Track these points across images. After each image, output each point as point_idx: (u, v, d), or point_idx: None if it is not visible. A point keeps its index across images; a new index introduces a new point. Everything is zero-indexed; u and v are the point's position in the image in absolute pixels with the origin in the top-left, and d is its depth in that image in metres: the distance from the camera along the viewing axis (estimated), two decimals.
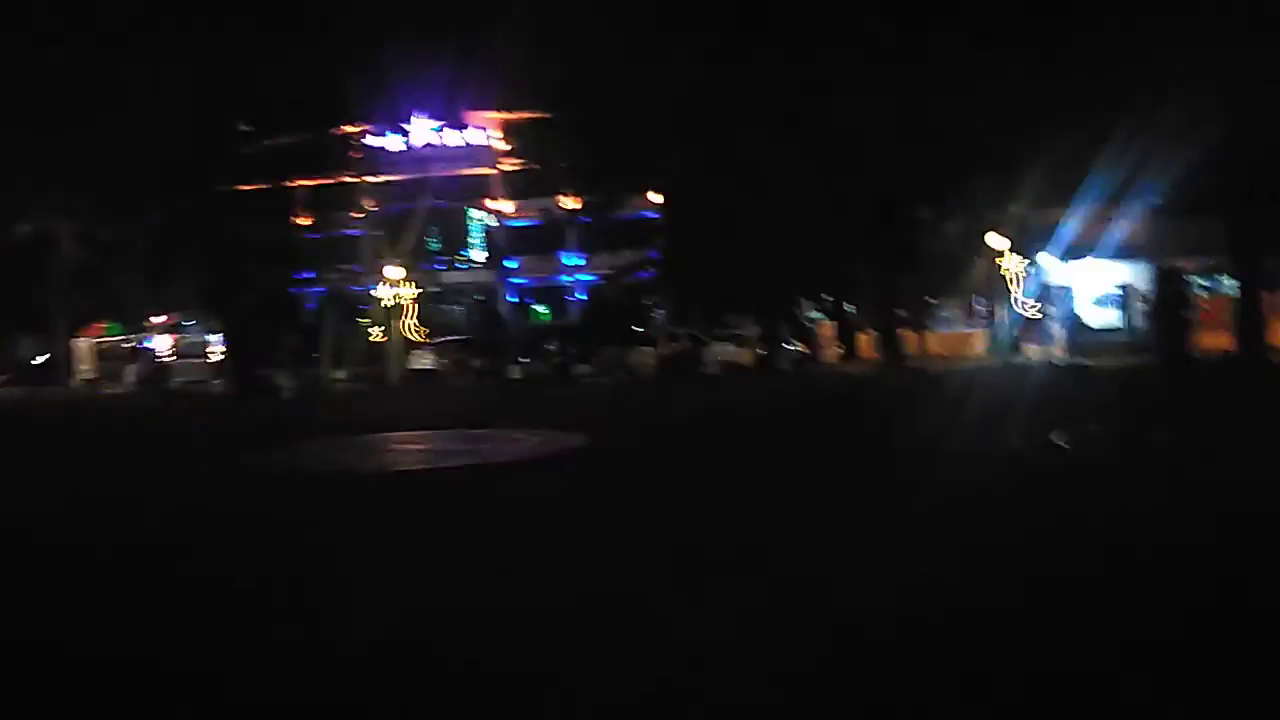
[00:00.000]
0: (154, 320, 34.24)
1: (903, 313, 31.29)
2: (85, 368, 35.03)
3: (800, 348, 32.66)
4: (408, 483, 9.86)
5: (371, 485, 9.77)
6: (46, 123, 27.15)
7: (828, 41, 21.04)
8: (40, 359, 36.06)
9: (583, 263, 57.59)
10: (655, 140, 26.21)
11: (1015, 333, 32.63)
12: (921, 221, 23.41)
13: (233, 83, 27.49)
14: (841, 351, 35.95)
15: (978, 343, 38.21)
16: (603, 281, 50.62)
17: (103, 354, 35.10)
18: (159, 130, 26.13)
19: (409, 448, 12.73)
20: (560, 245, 58.88)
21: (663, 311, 42.83)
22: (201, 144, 27.56)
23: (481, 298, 55.68)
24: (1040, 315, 29.33)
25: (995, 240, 25.78)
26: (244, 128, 26.44)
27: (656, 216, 40.44)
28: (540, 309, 58.99)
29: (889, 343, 24.96)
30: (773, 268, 26.81)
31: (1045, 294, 32.34)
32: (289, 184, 34.09)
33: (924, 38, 19.77)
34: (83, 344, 35.32)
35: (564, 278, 60.06)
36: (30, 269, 34.33)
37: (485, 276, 58.86)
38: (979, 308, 40.91)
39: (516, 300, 58.56)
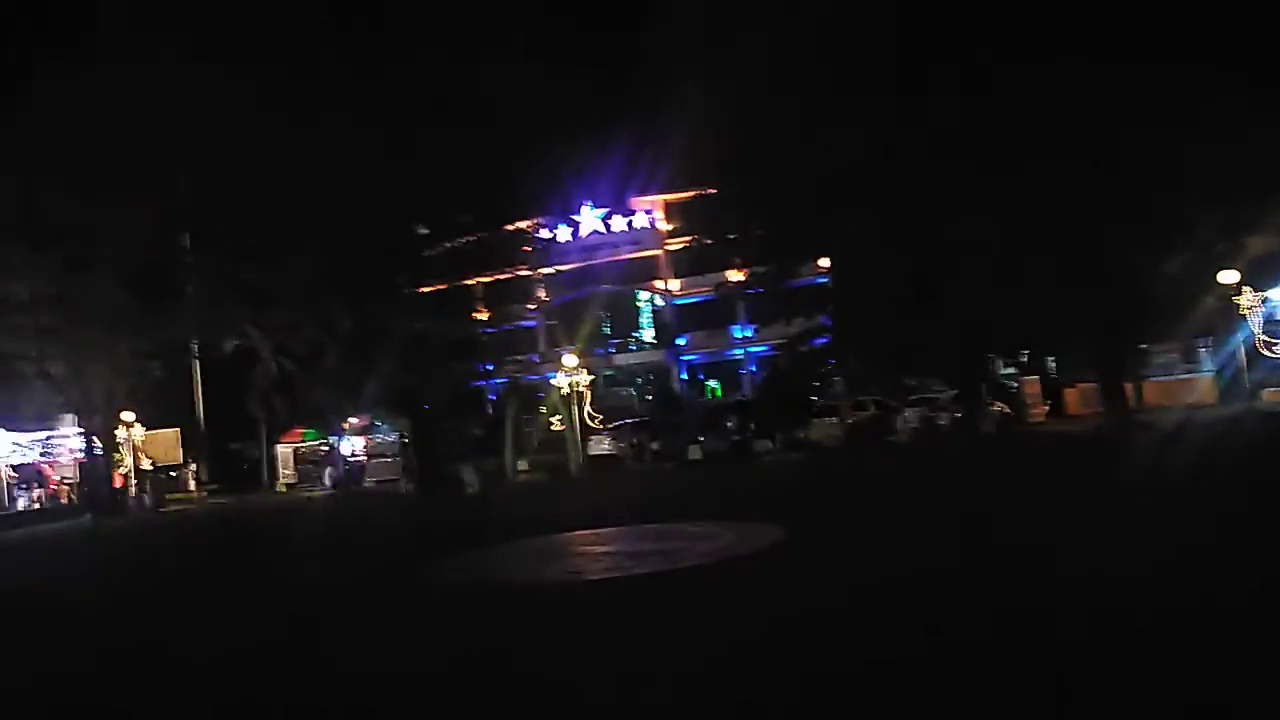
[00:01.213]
0: (348, 424, 35.45)
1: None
2: (286, 472, 36.68)
3: (1002, 408, 30.16)
4: (597, 594, 8.96)
5: (558, 600, 8.92)
6: (241, 245, 28.98)
7: (1014, 68, 19.54)
8: (244, 464, 38.03)
9: (753, 334, 56.71)
10: (828, 203, 25.05)
11: (1248, 375, 29.14)
12: (1139, 261, 21.10)
13: (406, 187, 28.55)
14: (1047, 409, 33.11)
15: (1202, 389, 34.51)
16: (776, 352, 49.42)
17: (300, 459, 36.66)
18: (343, 242, 27.25)
19: (595, 549, 11.87)
20: (730, 319, 58.31)
21: (839, 379, 41.15)
22: (385, 251, 28.61)
23: (653, 378, 55.38)
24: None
25: (1230, 276, 23.02)
26: (422, 231, 27.17)
27: (827, 281, 39.02)
28: (713, 385, 58.22)
29: (1113, 396, 22.39)
30: (965, 322, 24.83)
31: (1275, 330, 28.83)
32: (465, 282, 34.95)
33: (1130, 56, 17.98)
34: (283, 450, 37.06)
35: (736, 351, 59.23)
36: (236, 382, 36.51)
37: (657, 356, 58.75)
38: (1201, 351, 37.14)
39: (688, 378, 58.08)
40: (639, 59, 33.03)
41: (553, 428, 32.69)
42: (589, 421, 32.56)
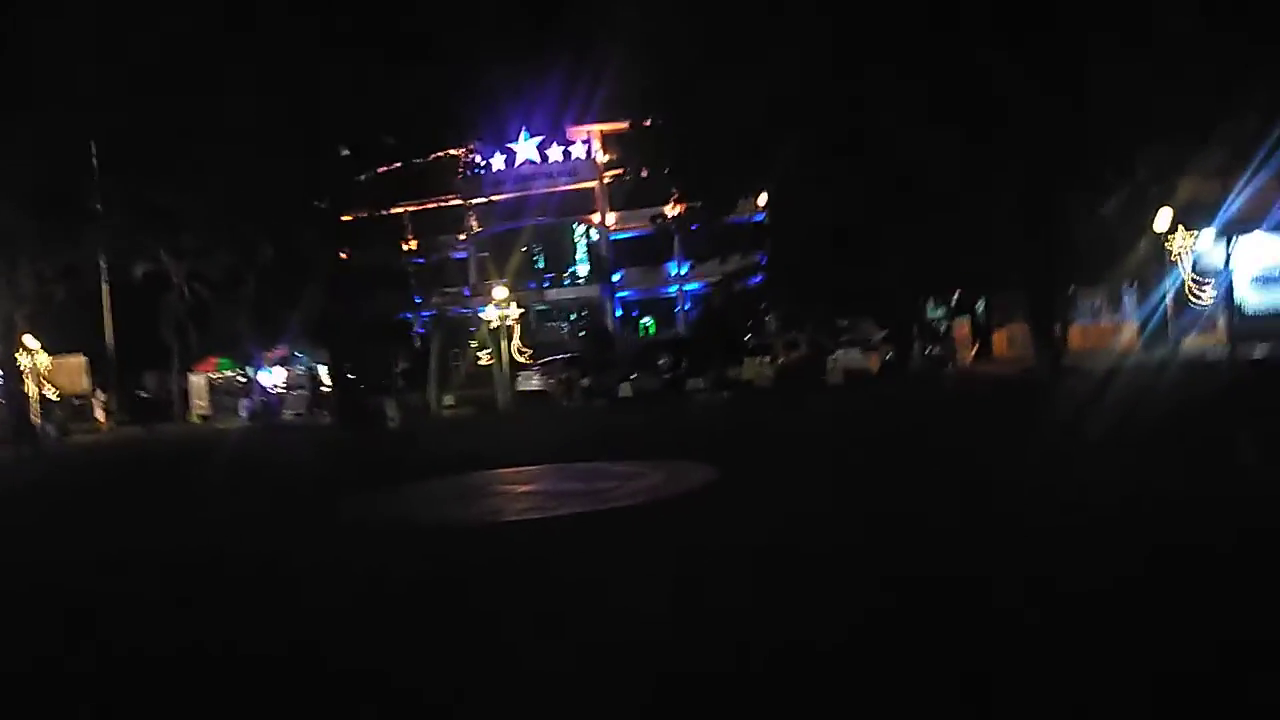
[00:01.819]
0: (266, 354, 34.14)
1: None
2: (200, 403, 35.24)
3: (932, 349, 30.22)
4: (515, 535, 8.40)
5: (473, 541, 8.32)
6: (154, 165, 27.21)
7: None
8: (143, 394, 36.39)
9: (688, 272, 56.14)
10: (766, 134, 24.32)
11: (1174, 322, 29.53)
12: (1075, 201, 20.90)
13: (335, 111, 27.01)
14: (975, 351, 33.32)
15: (1126, 335, 35.02)
16: (710, 290, 49.01)
17: (215, 389, 35.23)
18: (264, 164, 25.73)
19: (518, 489, 11.29)
20: (666, 256, 57.58)
21: (771, 318, 40.87)
22: (307, 175, 27.15)
23: (585, 314, 54.67)
24: (1210, 301, 26.27)
25: (1164, 219, 22.94)
26: (345, 152, 25.74)
27: (764, 219, 38.49)
28: (647, 322, 57.68)
29: (1043, 340, 22.33)
30: (899, 262, 24.54)
31: (1203, 276, 29.19)
32: (394, 210, 33.51)
33: None
34: (197, 380, 35.56)
35: (671, 289, 58.66)
36: (146, 309, 34.81)
37: (591, 292, 57.92)
38: (1126, 296, 37.62)
39: (622, 314, 57.42)
40: None
41: (481, 362, 31.93)
42: (518, 357, 31.86)
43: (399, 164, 30.29)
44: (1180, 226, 23.68)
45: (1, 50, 24.23)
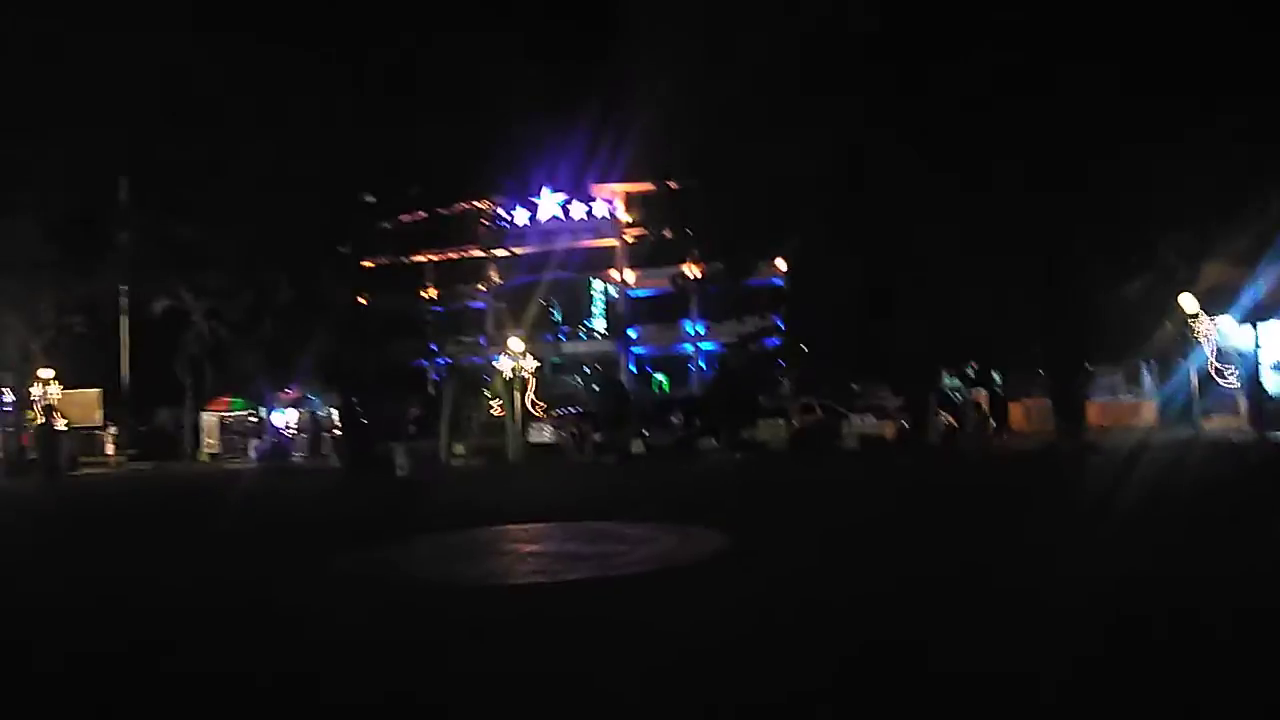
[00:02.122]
0: (279, 395, 34.06)
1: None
2: (210, 441, 35.12)
3: (948, 419, 29.83)
4: (516, 601, 8.12)
5: (470, 604, 8.05)
6: (181, 201, 27.45)
7: (988, 79, 18.98)
8: (143, 429, 36.19)
9: (705, 331, 56.08)
10: (792, 203, 24.36)
11: (1195, 402, 29.13)
12: (1102, 279, 20.78)
13: (362, 157, 27.22)
14: (993, 424, 32.87)
15: (1145, 413, 34.57)
16: (726, 350, 48.85)
17: (227, 428, 35.12)
18: (290, 207, 25.90)
19: (525, 548, 11.01)
20: (683, 314, 57.57)
21: (786, 381, 40.58)
22: (332, 219, 27.28)
23: (600, 368, 54.49)
24: (1233, 383, 25.95)
25: (1189, 302, 22.78)
26: (369, 199, 25.87)
27: (782, 282, 38.44)
28: (661, 379, 57.50)
29: (1069, 414, 21.98)
30: (920, 330, 24.35)
31: (1225, 359, 28.89)
32: (414, 258, 33.59)
33: (1106, 77, 17.52)
34: (209, 418, 35.48)
35: (686, 346, 58.57)
36: (164, 345, 34.87)
37: (607, 346, 57.91)
38: (1145, 374, 37.23)
39: (636, 370, 57.27)
40: (613, 40, 32.17)
41: (494, 413, 31.71)
42: (532, 409, 31.65)
43: (424, 213, 30.42)
44: (1203, 310, 23.51)
45: (38, 72, 24.55)
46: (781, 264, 37.79)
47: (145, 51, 23.96)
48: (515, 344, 30.35)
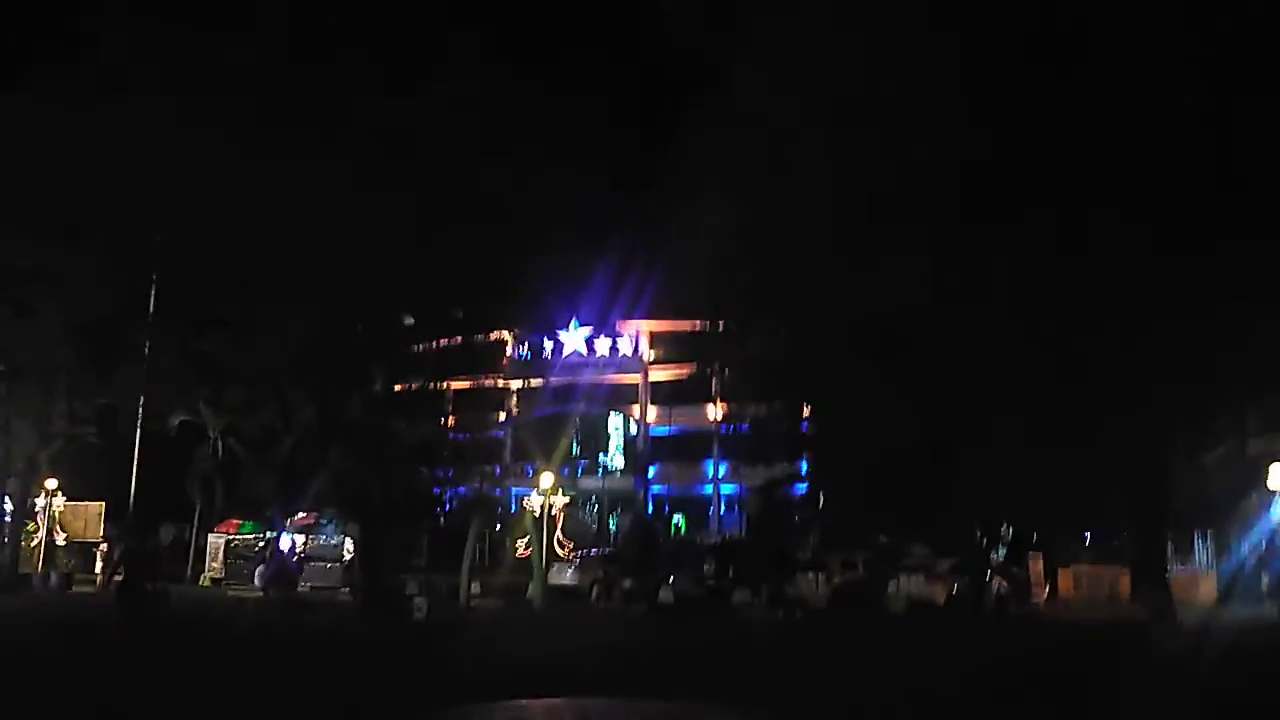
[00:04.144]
0: (291, 520, 32.40)
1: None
2: (214, 565, 33.19)
3: (1000, 585, 27.89)
4: None
5: None
6: (207, 313, 26.66)
7: (1055, 237, 18.11)
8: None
9: (726, 474, 54.51)
10: (843, 349, 23.32)
11: (1265, 580, 27.24)
12: (1182, 444, 19.50)
13: (390, 285, 26.44)
14: (1047, 591, 30.90)
15: (1202, 588, 32.52)
16: (748, 494, 47.14)
17: (233, 552, 33.24)
18: (319, 322, 24.99)
19: None
20: (704, 455, 56.11)
21: (815, 532, 38.71)
22: (364, 340, 26.31)
23: (624, 509, 52.68)
24: None
25: (1277, 475, 21.31)
26: (409, 320, 24.91)
27: (805, 427, 36.85)
28: (678, 520, 55.57)
29: (1153, 585, 20.16)
30: (982, 489, 22.86)
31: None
32: (438, 385, 32.41)
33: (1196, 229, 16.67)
34: (215, 540, 33.68)
35: (706, 489, 56.84)
36: (176, 460, 33.55)
37: (625, 484, 56.25)
38: (1199, 546, 35.34)
39: (654, 510, 55.40)
40: (652, 182, 31.94)
41: (519, 553, 29.91)
42: (558, 549, 29.87)
43: (458, 338, 29.44)
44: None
45: (69, 171, 24.04)
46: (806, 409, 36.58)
47: (186, 153, 23.50)
48: (546, 479, 28.77)
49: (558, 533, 29.76)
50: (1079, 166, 17.35)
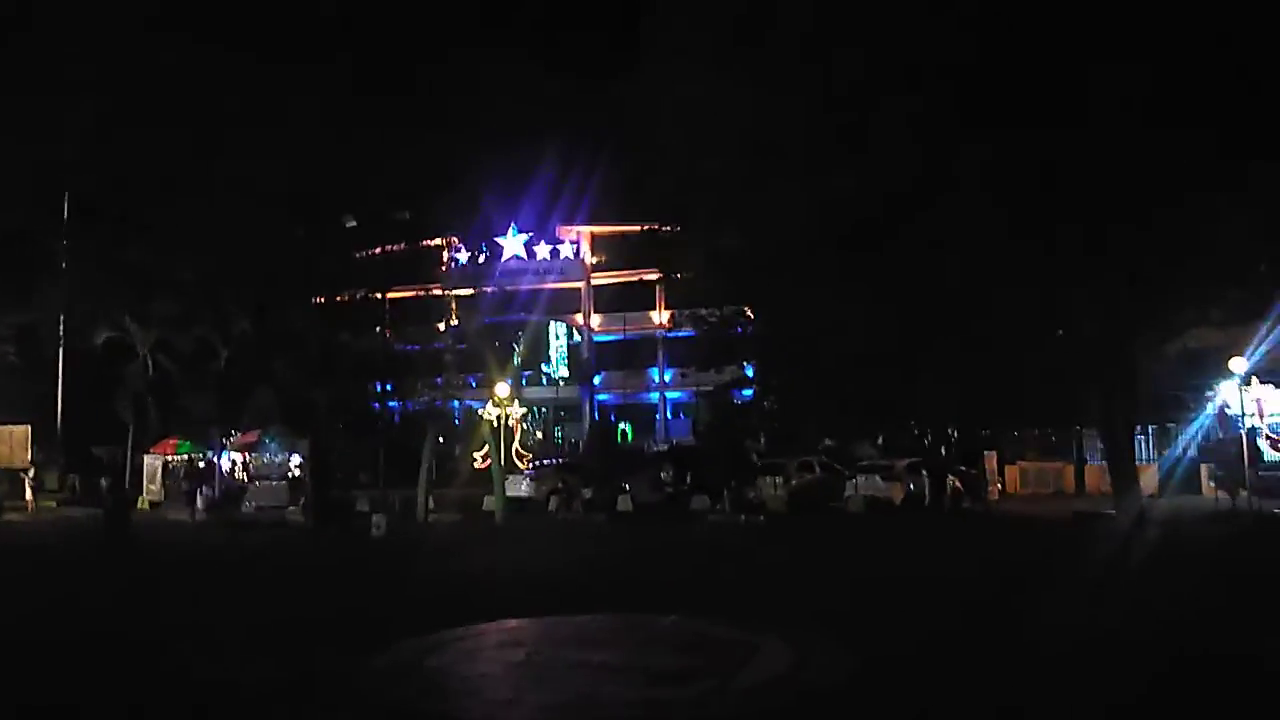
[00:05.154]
0: (231, 438, 31.07)
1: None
2: (152, 488, 31.77)
3: (954, 482, 28.08)
4: None
5: None
6: (132, 217, 24.74)
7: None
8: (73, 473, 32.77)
9: (671, 379, 54.21)
10: (814, 248, 22.58)
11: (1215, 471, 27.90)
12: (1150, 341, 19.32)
13: (330, 189, 24.81)
14: (998, 488, 31.28)
15: (1145, 479, 33.35)
16: (699, 400, 46.90)
17: (171, 473, 31.80)
18: (255, 226, 23.37)
19: (595, 657, 8.66)
20: (649, 362, 55.65)
21: (761, 434, 38.62)
22: (304, 245, 24.73)
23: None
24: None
25: (1238, 364, 21.38)
26: (351, 222, 23.34)
27: (757, 329, 36.26)
28: (624, 428, 55.31)
29: (1122, 479, 20.12)
30: (947, 385, 22.62)
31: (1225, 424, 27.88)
32: (378, 296, 30.93)
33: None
34: (151, 461, 32.18)
35: (653, 395, 56.53)
36: (105, 379, 31.77)
37: (570, 393, 55.67)
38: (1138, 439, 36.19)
39: (599, 418, 54.99)
40: (602, 72, 30.44)
41: (477, 464, 29.12)
42: (516, 460, 29.16)
43: (401, 244, 27.95)
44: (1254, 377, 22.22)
45: None
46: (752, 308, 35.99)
47: (103, 49, 21.43)
48: (502, 389, 27.86)
49: (515, 443, 28.98)
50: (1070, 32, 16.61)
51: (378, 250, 28.81)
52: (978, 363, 20.75)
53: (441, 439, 34.56)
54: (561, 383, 56.65)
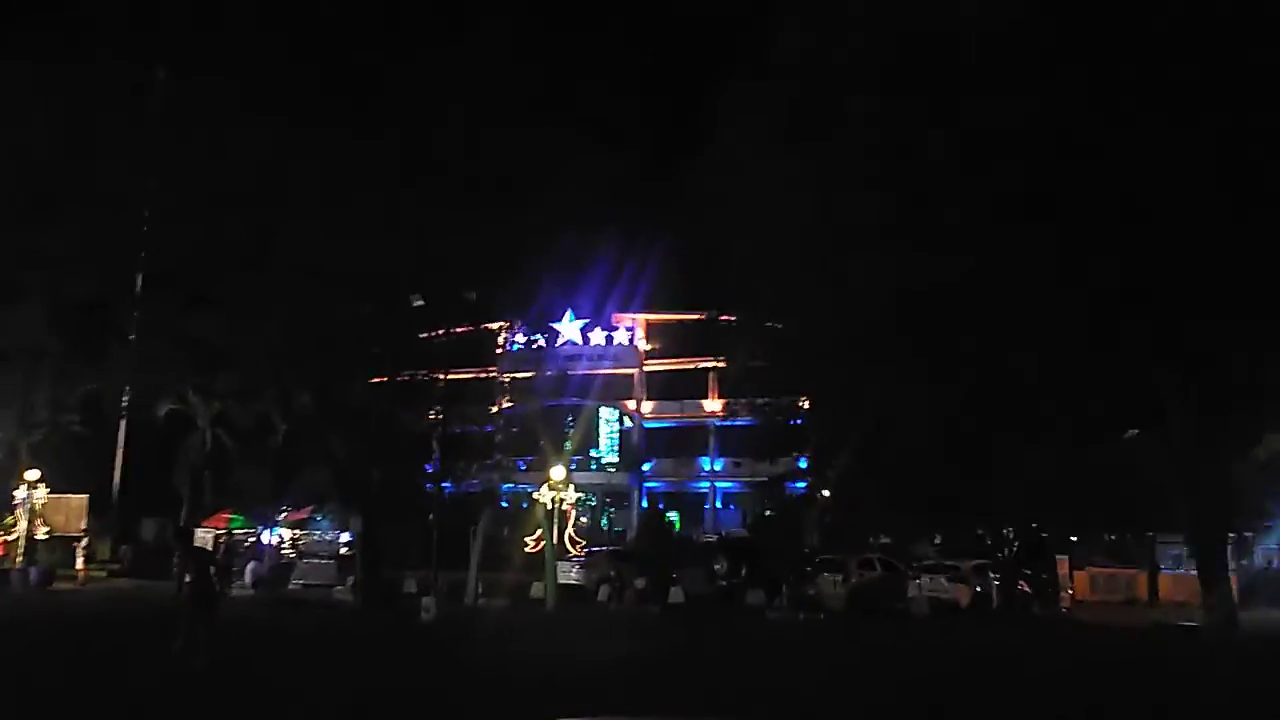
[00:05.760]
0: (282, 514, 30.99)
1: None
2: None
3: (1023, 588, 26.91)
4: None
5: None
6: (201, 294, 25.11)
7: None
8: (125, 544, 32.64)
9: (722, 469, 53.44)
10: (866, 341, 22.13)
11: None
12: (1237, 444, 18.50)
13: (398, 266, 24.99)
14: (1069, 594, 29.93)
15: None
16: (751, 490, 46.05)
17: (220, 548, 31.66)
18: (321, 304, 23.56)
19: None
20: (700, 450, 54.96)
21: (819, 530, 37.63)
22: (370, 324, 24.83)
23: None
24: None
25: None
26: (419, 302, 23.42)
27: (803, 421, 35.53)
28: (673, 516, 54.44)
29: (1215, 588, 18.98)
30: (1014, 490, 21.79)
31: None
32: (438, 376, 30.80)
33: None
34: (203, 535, 32.07)
35: (702, 484, 55.70)
36: (164, 452, 32.05)
37: (619, 479, 55.03)
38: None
39: (647, 505, 54.20)
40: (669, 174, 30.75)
41: (529, 548, 28.61)
42: (569, 546, 28.61)
43: (467, 325, 27.90)
44: None
45: (58, 149, 22.53)
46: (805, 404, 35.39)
47: (180, 127, 22.10)
48: (557, 472, 27.44)
49: (569, 529, 28.46)
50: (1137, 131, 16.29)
51: (440, 331, 28.87)
52: (1048, 460, 19.95)
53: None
54: (611, 469, 56.11)
